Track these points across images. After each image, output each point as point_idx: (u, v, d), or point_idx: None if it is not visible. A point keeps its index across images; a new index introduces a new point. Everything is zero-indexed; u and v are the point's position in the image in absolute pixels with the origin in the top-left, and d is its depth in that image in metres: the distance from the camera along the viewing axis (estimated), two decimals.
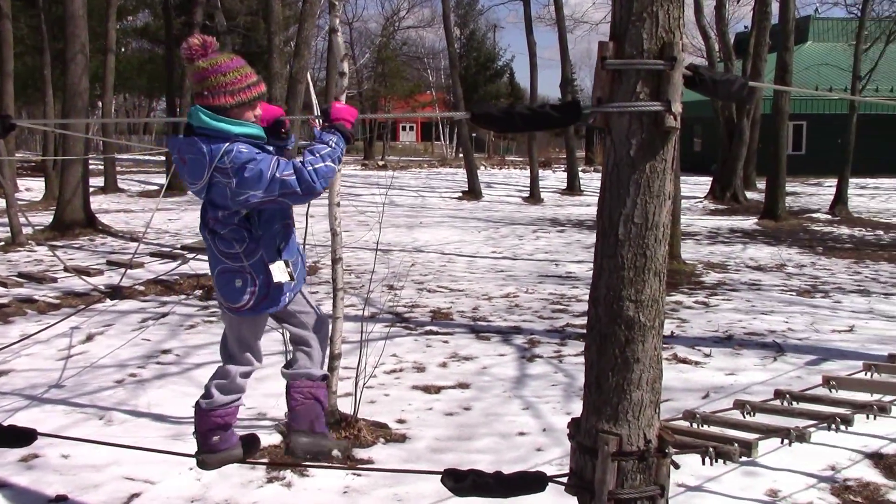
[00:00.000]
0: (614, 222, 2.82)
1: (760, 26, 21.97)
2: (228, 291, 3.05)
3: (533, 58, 24.99)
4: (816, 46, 35.91)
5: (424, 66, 56.01)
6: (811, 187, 28.26)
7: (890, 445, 5.05)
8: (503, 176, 33.99)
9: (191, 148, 2.90)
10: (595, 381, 2.92)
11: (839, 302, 9.65)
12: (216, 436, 3.32)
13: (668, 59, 2.71)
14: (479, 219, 19.00)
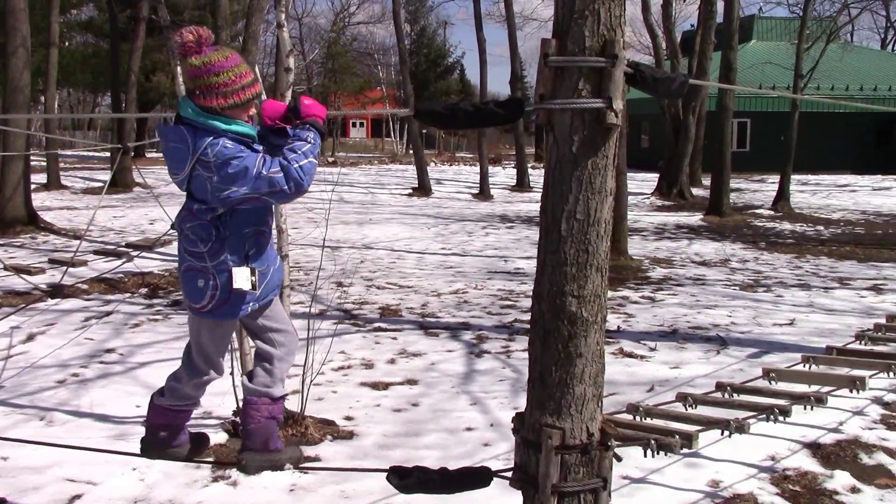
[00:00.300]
0: (557, 218, 2.84)
1: (706, 25, 22.31)
2: (191, 290, 2.94)
3: (483, 54, 25.06)
4: (760, 45, 36.56)
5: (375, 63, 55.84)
6: (755, 184, 28.79)
7: (827, 435, 5.18)
8: (453, 172, 34.04)
9: (175, 136, 2.82)
10: (539, 376, 2.94)
11: (781, 296, 9.85)
12: (164, 431, 3.28)
13: (609, 57, 2.73)
14: (428, 215, 19.01)
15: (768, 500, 4.30)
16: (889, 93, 33.39)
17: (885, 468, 4.76)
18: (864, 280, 10.99)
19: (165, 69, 33.01)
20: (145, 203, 19.54)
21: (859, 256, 13.28)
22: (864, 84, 33.55)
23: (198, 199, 2.86)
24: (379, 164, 38.83)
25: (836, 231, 16.86)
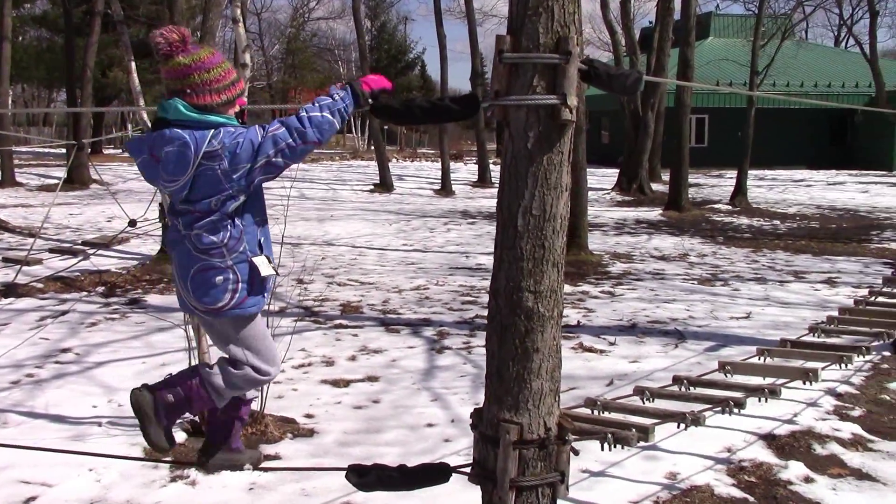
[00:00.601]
0: (513, 214, 2.86)
1: (664, 22, 22.51)
2: (207, 290, 2.82)
3: (443, 50, 25.07)
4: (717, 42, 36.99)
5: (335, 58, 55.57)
6: (713, 179, 29.13)
7: (782, 427, 5.26)
8: (415, 168, 33.99)
9: (170, 141, 2.71)
10: (496, 372, 2.96)
11: (737, 290, 9.99)
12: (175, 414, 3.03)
13: (563, 53, 2.75)
14: (390, 211, 18.98)
15: (724, 492, 4.36)
16: (843, 89, 33.96)
17: (838, 458, 4.84)
18: (818, 273, 11.17)
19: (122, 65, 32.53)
20: (102, 200, 19.25)
21: (814, 250, 13.50)
22: (819, 81, 34.07)
23: (200, 199, 2.76)
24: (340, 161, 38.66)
25: (792, 225, 17.13)
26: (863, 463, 4.78)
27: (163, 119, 2.77)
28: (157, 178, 2.80)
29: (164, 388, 2.98)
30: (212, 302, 2.84)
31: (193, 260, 2.83)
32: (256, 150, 2.72)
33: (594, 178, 27.73)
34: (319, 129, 2.79)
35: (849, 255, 12.87)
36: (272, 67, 49.61)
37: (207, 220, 2.79)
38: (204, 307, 2.86)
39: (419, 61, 57.28)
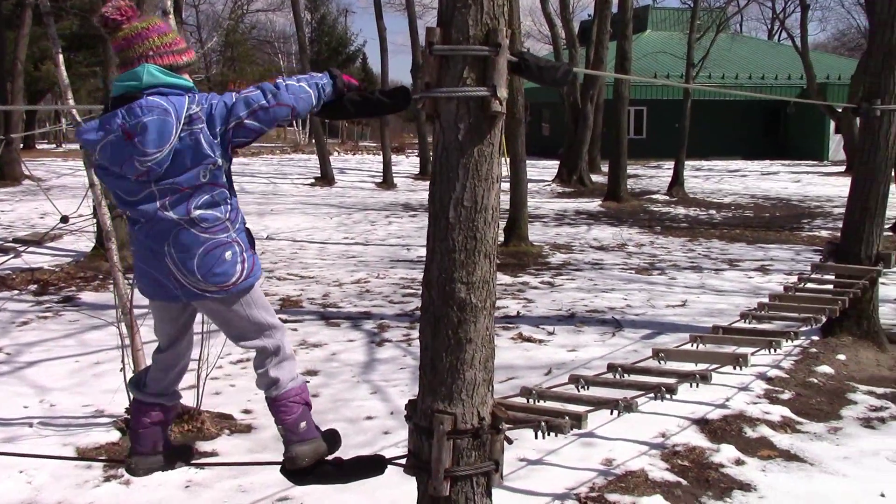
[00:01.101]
0: (445, 206, 2.87)
1: (602, 15, 22.71)
2: (219, 268, 2.75)
3: (383, 43, 24.97)
4: (655, 35, 37.51)
5: (275, 51, 54.97)
6: (652, 170, 29.57)
7: (715, 411, 5.38)
8: (356, 161, 33.86)
9: (149, 110, 2.60)
10: (430, 363, 2.97)
11: (674, 278, 10.16)
12: (303, 421, 3.03)
13: (493, 46, 2.77)
14: (331, 205, 18.87)
15: (658, 476, 4.45)
16: (776, 81, 34.71)
17: (768, 440, 4.98)
18: (752, 261, 11.43)
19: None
20: (35, 196, 18.78)
21: (748, 239, 13.81)
22: (753, 73, 34.80)
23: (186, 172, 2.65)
24: (281, 154, 38.31)
25: (728, 215, 17.48)
26: (791, 444, 4.91)
27: (126, 93, 2.66)
28: (131, 155, 2.62)
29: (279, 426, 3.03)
30: (225, 279, 2.78)
31: (198, 242, 2.73)
32: (229, 111, 2.66)
33: (535, 169, 27.96)
34: (295, 96, 2.74)
35: (781, 244, 13.20)
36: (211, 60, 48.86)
37: (205, 198, 2.71)
38: (217, 286, 2.78)
39: (360, 54, 57.02)
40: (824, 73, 32.54)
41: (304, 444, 3.03)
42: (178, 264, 2.74)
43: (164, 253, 2.73)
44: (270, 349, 2.96)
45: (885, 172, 6.80)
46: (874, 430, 5.18)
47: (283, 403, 2.99)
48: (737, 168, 30.41)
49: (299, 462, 3.03)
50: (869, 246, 6.81)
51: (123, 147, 2.62)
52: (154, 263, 2.77)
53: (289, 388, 2.99)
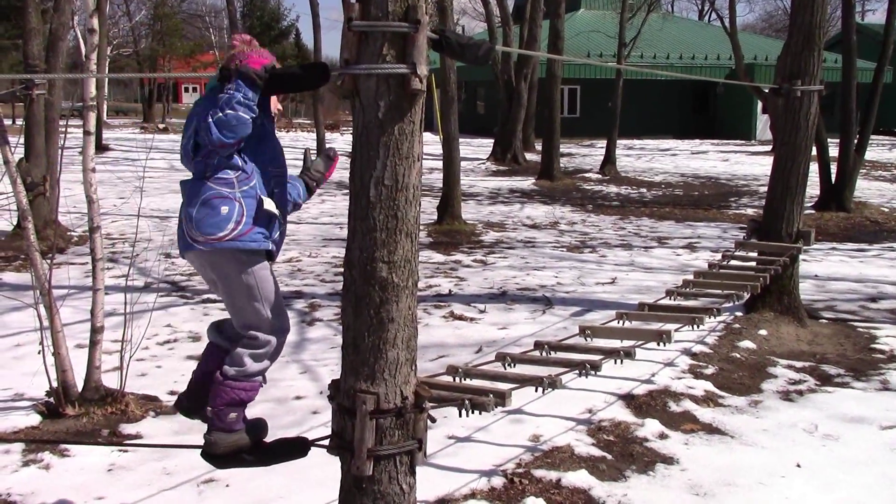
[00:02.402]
0: (365, 185, 2.84)
1: None
2: (212, 219, 2.93)
3: (316, 18, 24.57)
4: (588, 14, 37.72)
5: (206, 25, 53.84)
6: (585, 148, 29.84)
7: (640, 387, 5.47)
8: (290, 139, 33.40)
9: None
10: (352, 343, 2.95)
11: (604, 256, 10.30)
12: (234, 412, 3.08)
13: (412, 22, 2.74)
14: None
15: (584, 451, 4.51)
16: (705, 62, 35.26)
17: (691, 414, 5.08)
18: (680, 239, 11.65)
19: None
20: None
21: (677, 217, 14.05)
22: (684, 53, 35.28)
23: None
24: None
25: (658, 193, 17.76)
26: (713, 418, 5.03)
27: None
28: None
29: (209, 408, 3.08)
30: (214, 230, 2.94)
31: (203, 189, 2.97)
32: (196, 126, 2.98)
33: (470, 148, 27.98)
34: (225, 130, 2.87)
35: (709, 221, 13.46)
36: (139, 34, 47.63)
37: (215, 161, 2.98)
38: (204, 237, 2.94)
39: (293, 29, 56.25)
40: (752, 53, 33.15)
41: (226, 434, 3.09)
42: (184, 211, 3.00)
43: (185, 203, 3.03)
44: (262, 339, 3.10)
45: (806, 152, 6.97)
46: (792, 402, 5.34)
47: (228, 387, 3.05)
48: (668, 147, 30.88)
49: (215, 449, 3.09)
50: (790, 224, 6.98)
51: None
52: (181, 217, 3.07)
53: (244, 382, 3.09)
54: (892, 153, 28.28)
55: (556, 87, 19.91)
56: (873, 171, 22.31)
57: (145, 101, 46.82)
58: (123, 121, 46.70)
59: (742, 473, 4.29)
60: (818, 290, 8.50)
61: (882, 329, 7.04)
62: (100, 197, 5.49)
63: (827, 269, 9.60)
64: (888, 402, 5.32)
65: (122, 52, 46.17)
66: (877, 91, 14.67)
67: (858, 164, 14.74)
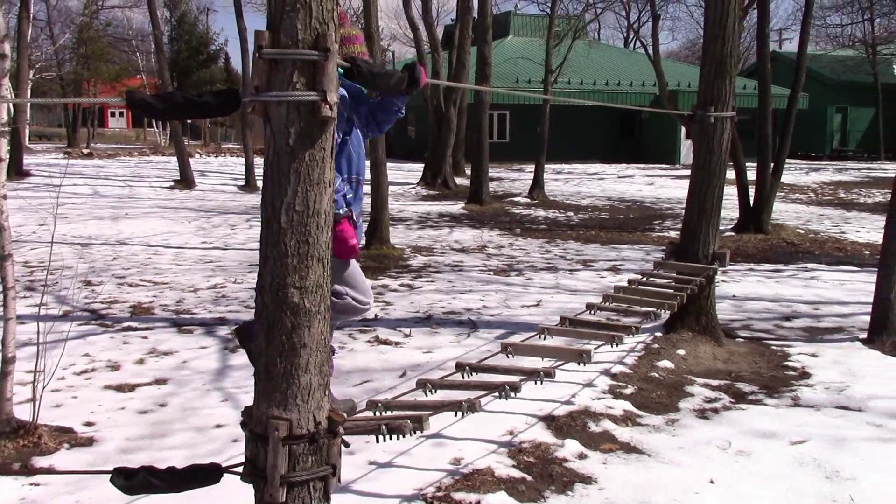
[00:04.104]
0: (277, 210, 2.86)
1: (463, 20, 23.02)
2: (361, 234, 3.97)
3: (244, 43, 24.46)
4: (517, 41, 38.35)
5: (133, 49, 53.07)
6: (514, 173, 30.19)
7: (561, 407, 5.55)
8: (219, 164, 33.12)
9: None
10: (264, 369, 2.94)
11: (531, 279, 10.42)
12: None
13: (322, 50, 2.77)
14: (190, 208, 18.38)
15: (504, 473, 4.55)
16: (631, 88, 36.10)
17: (610, 434, 5.17)
18: (605, 261, 11.86)
19: None
20: None
21: (602, 239, 14.31)
22: (609, 79, 36.07)
23: None
24: (140, 156, 37.04)
25: (584, 216, 18.06)
26: (632, 437, 5.13)
27: None
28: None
29: None
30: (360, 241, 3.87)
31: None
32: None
33: (400, 172, 28.12)
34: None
35: (633, 244, 13.74)
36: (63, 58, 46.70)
37: None
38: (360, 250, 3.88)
39: (222, 53, 55.73)
40: (676, 80, 34.06)
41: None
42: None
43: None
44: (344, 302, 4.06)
45: (720, 176, 7.19)
46: (708, 420, 5.47)
47: None
48: (595, 171, 31.43)
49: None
50: (706, 246, 7.18)
51: None
52: None
53: None
54: (809, 176, 29.27)
55: (484, 113, 20.15)
56: (791, 194, 23.07)
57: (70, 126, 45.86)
58: (47, 146, 45.67)
59: (658, 491, 4.37)
60: (736, 310, 8.75)
61: (795, 347, 7.27)
62: (19, 224, 5.38)
63: (744, 289, 9.88)
64: (798, 417, 5.50)
65: (44, 75, 45.20)
66: (791, 116, 15.21)
67: (775, 188, 15.24)
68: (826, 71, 40.95)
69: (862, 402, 5.76)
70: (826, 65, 41.02)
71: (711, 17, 7.01)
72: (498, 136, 34.78)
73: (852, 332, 7.80)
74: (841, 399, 5.84)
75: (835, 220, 17.35)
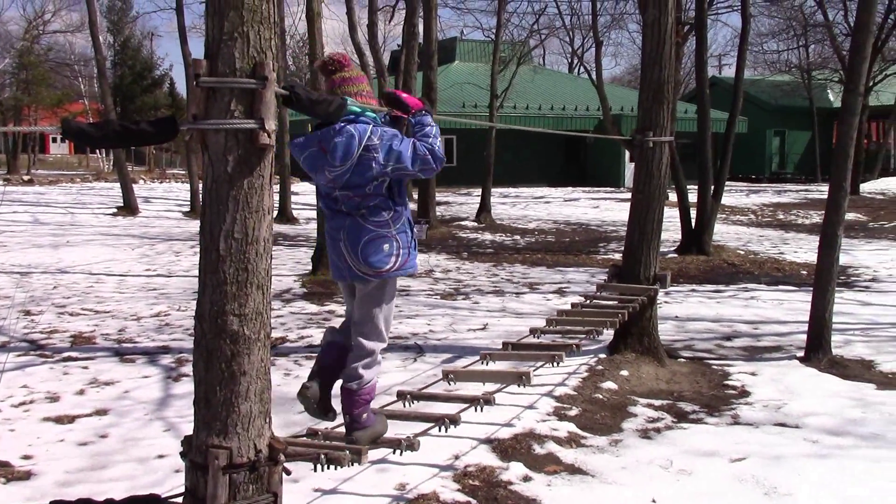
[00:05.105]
0: (215, 238, 2.86)
1: (409, 46, 23.16)
2: (377, 257, 3.68)
3: (188, 69, 24.30)
4: (463, 66, 38.62)
5: (75, 74, 52.29)
6: (462, 197, 30.32)
7: (506, 430, 5.58)
8: (164, 190, 32.68)
9: (339, 133, 3.57)
10: (204, 397, 2.94)
11: (477, 303, 10.47)
12: (366, 413, 3.88)
13: (259, 79, 2.80)
14: (134, 235, 18.11)
15: (449, 497, 4.56)
16: (575, 112, 36.58)
17: (555, 455, 5.22)
18: (550, 284, 11.97)
19: None
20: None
21: (549, 262, 14.44)
22: (554, 104, 36.51)
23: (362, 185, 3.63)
24: (82, 182, 36.41)
25: (531, 240, 18.21)
26: (576, 458, 5.18)
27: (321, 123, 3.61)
28: (323, 166, 3.63)
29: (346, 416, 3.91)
30: (380, 266, 3.71)
31: (364, 231, 3.69)
32: (408, 159, 3.63)
33: None
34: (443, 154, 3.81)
35: (578, 266, 13.89)
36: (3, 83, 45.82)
37: (375, 201, 3.68)
38: (373, 270, 3.71)
39: (167, 79, 55.18)
40: (619, 104, 34.61)
41: (365, 430, 3.90)
42: (348, 247, 3.70)
43: (339, 238, 3.74)
44: (368, 350, 3.88)
45: (659, 199, 7.34)
46: (650, 440, 5.55)
47: (357, 397, 3.86)
48: (542, 195, 31.71)
49: (361, 442, 3.82)
50: (647, 268, 7.31)
51: (320, 158, 3.64)
52: (333, 248, 3.79)
53: (365, 387, 3.89)
54: (749, 198, 29.90)
55: None
56: (732, 216, 23.55)
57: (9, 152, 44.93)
58: None
59: None
60: (678, 331, 8.89)
61: (735, 366, 7.42)
62: None
63: (687, 310, 10.05)
64: (738, 435, 5.60)
65: None
66: (730, 140, 15.57)
67: (716, 210, 15.56)
68: (764, 95, 41.99)
69: (799, 418, 5.90)
70: (764, 89, 42.08)
71: (649, 45, 7.18)
72: (446, 161, 34.94)
73: (790, 350, 7.98)
74: (779, 416, 5.97)
75: (774, 241, 17.75)
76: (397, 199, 3.76)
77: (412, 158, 3.62)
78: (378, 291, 3.81)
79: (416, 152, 3.64)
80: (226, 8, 2.75)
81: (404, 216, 3.78)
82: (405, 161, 3.62)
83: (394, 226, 3.72)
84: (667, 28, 7.10)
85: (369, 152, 3.57)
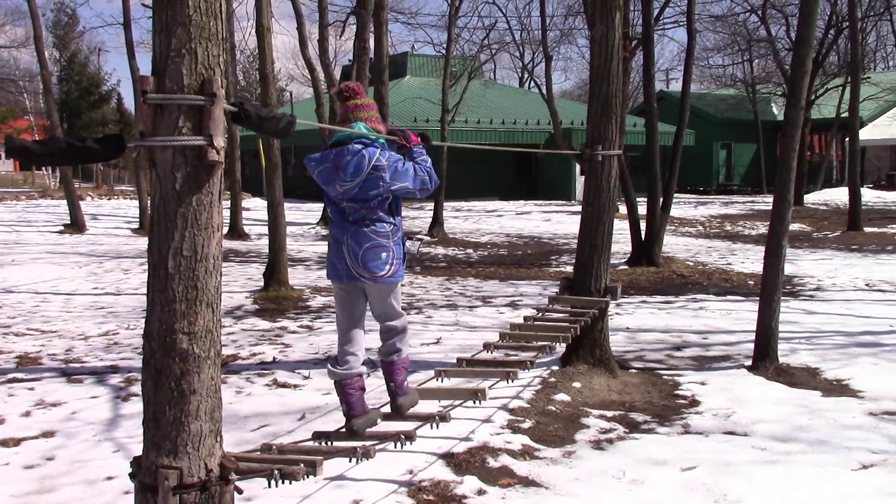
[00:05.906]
0: (164, 256, 2.84)
1: (360, 60, 23.05)
2: (374, 263, 4.19)
3: (136, 84, 23.98)
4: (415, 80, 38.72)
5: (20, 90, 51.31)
6: (415, 211, 30.32)
7: (460, 444, 5.59)
8: (112, 206, 32.20)
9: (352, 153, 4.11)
10: (152, 417, 2.90)
11: (430, 317, 10.47)
12: (406, 381, 4.58)
13: (208, 95, 2.79)
14: (81, 253, 17.81)
15: None
16: (526, 126, 36.84)
17: (509, 468, 5.23)
18: (503, 297, 12.02)
19: None
20: None
21: (501, 276, 14.51)
22: (506, 118, 36.73)
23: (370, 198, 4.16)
24: (28, 199, 35.69)
25: (484, 253, 18.28)
26: (530, 470, 5.20)
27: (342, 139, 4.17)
28: (335, 180, 4.16)
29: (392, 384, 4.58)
30: (377, 270, 4.20)
31: (367, 239, 4.19)
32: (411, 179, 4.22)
33: (301, 213, 27.94)
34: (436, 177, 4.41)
35: (531, 279, 13.98)
36: None
37: (378, 214, 4.20)
38: (370, 274, 4.20)
39: (114, 94, 54.40)
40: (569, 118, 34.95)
41: (407, 396, 4.56)
42: (351, 251, 4.20)
43: (343, 243, 4.22)
44: (400, 328, 4.51)
45: (609, 212, 7.43)
46: (603, 451, 5.60)
47: (398, 367, 4.52)
48: (494, 208, 31.87)
49: (404, 410, 4.52)
50: (598, 280, 7.39)
51: (333, 173, 4.18)
52: (335, 249, 4.28)
53: (404, 356, 4.55)
54: (698, 210, 30.39)
55: None
56: (681, 228, 23.90)
57: None
58: None
59: None
60: (629, 342, 8.99)
61: (685, 376, 7.52)
62: None
63: (637, 321, 10.17)
64: (688, 444, 5.68)
65: None
66: (678, 153, 15.82)
67: (665, 222, 15.78)
68: (711, 109, 42.76)
69: (747, 426, 6.00)
70: (711, 103, 42.84)
71: (597, 60, 7.28)
72: None
73: (738, 359, 8.11)
74: (728, 425, 6.07)
75: (722, 252, 18.04)
76: (395, 214, 4.28)
77: (413, 179, 4.20)
78: (389, 288, 4.35)
79: (417, 174, 4.23)
80: (173, 24, 2.74)
81: (400, 230, 4.31)
82: (408, 181, 4.18)
83: (392, 237, 4.23)
84: (614, 44, 7.21)
85: (377, 171, 4.10)
